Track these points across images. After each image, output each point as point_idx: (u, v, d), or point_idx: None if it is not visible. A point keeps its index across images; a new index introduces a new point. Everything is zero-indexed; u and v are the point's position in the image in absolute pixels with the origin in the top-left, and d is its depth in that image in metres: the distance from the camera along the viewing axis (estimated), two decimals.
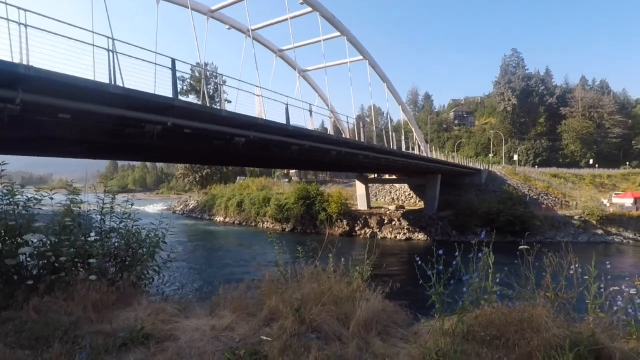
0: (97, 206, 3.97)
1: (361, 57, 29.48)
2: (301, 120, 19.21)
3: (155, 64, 12.06)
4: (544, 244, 3.05)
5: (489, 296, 2.84)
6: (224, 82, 27.30)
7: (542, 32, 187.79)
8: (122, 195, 4.39)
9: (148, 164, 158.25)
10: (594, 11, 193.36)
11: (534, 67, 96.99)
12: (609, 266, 3.64)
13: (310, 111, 19.26)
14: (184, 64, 15.89)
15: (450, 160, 43.46)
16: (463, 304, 2.64)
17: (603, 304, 2.98)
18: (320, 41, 26.86)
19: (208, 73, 42.72)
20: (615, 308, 2.96)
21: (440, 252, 2.68)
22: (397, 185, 48.74)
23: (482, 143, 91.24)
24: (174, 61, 12.01)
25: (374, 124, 34.25)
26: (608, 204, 40.58)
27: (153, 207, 71.57)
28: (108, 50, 10.36)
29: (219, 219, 51.32)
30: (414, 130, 37.13)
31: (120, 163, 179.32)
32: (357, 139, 23.89)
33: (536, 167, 67.00)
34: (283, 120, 16.47)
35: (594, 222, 37.06)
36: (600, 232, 36.64)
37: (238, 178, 72.89)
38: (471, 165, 48.53)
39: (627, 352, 2.51)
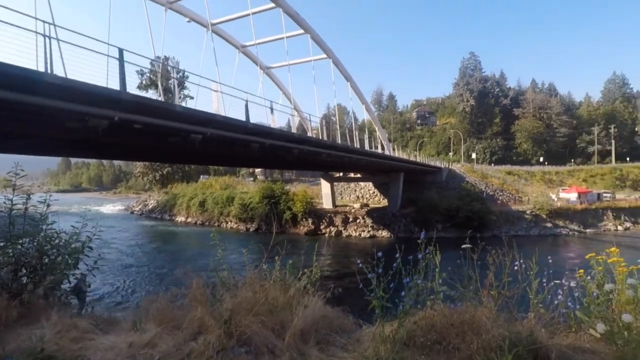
0: (4, 207, 3.44)
1: (325, 56, 29.41)
2: (264, 118, 18.78)
3: (108, 55, 11.19)
4: (499, 238, 3.01)
5: (435, 296, 2.74)
6: (186, 77, 26.11)
7: (497, 36, 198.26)
8: (40, 194, 3.86)
9: (105, 161, 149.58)
10: (546, 20, 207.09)
11: (490, 70, 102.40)
12: (550, 260, 3.72)
13: (272, 108, 18.86)
14: (140, 57, 14.73)
15: (413, 158, 44.67)
16: (403, 308, 2.51)
17: (545, 299, 2.97)
18: (283, 38, 26.44)
19: (168, 67, 40.80)
20: (556, 302, 2.97)
21: (380, 254, 2.52)
22: (362, 184, 49.40)
23: (442, 142, 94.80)
24: (121, 51, 11.26)
25: (337, 122, 34.32)
26: (556, 199, 43.56)
27: (110, 207, 67.87)
28: (43, 35, 9.49)
29: (180, 219, 49.43)
30: (377, 129, 37.68)
31: (73, 160, 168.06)
32: (320, 138, 23.78)
33: (492, 164, 70.69)
34: (244, 118, 15.99)
35: (544, 216, 39.65)
36: (549, 225, 39.24)
37: (201, 177, 70.62)
38: (432, 163, 50.19)
39: (563, 348, 2.49)
